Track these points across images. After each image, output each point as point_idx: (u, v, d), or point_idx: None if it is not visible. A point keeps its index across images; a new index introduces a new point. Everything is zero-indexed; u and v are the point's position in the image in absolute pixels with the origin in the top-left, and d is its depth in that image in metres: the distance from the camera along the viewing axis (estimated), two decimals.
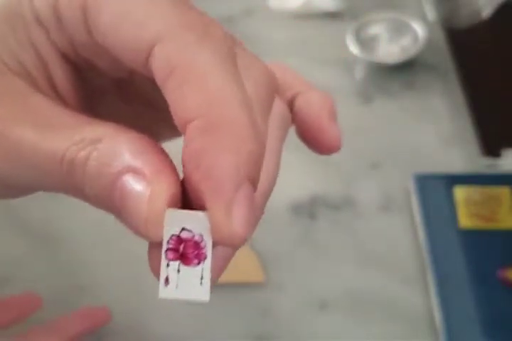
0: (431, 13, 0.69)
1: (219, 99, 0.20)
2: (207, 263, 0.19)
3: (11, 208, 0.57)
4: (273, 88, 0.24)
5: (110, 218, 0.47)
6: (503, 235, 0.53)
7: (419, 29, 0.65)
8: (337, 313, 0.52)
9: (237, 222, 0.19)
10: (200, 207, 0.20)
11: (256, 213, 0.20)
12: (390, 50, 0.66)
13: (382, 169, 0.59)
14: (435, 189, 0.56)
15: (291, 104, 0.26)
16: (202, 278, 0.19)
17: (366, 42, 0.66)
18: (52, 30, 0.22)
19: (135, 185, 0.19)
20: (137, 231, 0.20)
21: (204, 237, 0.19)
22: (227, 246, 0.20)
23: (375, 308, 0.52)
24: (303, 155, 0.61)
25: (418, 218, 0.55)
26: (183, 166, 0.20)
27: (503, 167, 0.58)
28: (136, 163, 0.19)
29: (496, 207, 0.54)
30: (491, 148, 0.59)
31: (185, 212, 0.19)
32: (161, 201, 0.19)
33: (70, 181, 0.20)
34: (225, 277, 0.57)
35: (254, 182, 0.20)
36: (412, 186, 0.57)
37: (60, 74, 0.23)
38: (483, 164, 0.58)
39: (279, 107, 0.25)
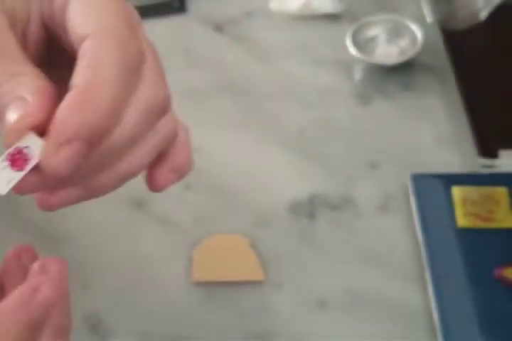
0: (429, 15, 0.70)
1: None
2: (21, 173, 0.27)
3: (14, 208, 0.58)
4: (160, 106, 0.30)
5: (112, 218, 0.48)
6: (500, 234, 0.53)
7: (417, 31, 0.65)
8: (336, 312, 0.52)
9: (58, 159, 0.26)
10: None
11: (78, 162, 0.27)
12: (389, 52, 0.66)
13: (381, 169, 0.60)
14: (433, 189, 0.56)
15: None
16: (12, 181, 0.27)
17: (365, 44, 0.67)
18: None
19: (17, 108, 0.27)
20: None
21: (34, 157, 0.27)
22: (44, 169, 0.27)
23: (373, 307, 0.52)
24: (303, 156, 0.61)
25: (416, 217, 0.55)
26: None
27: (499, 167, 0.58)
28: (29, 96, 0.27)
29: (493, 206, 0.54)
30: (488, 148, 0.59)
31: (35, 137, 0.27)
32: (22, 123, 0.27)
33: None
34: (225, 276, 0.57)
35: (90, 143, 0.27)
36: (410, 186, 0.57)
37: (33, 30, 0.30)
38: (480, 164, 0.59)
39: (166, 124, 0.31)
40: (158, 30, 0.73)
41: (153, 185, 0.34)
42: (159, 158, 0.33)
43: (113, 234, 0.57)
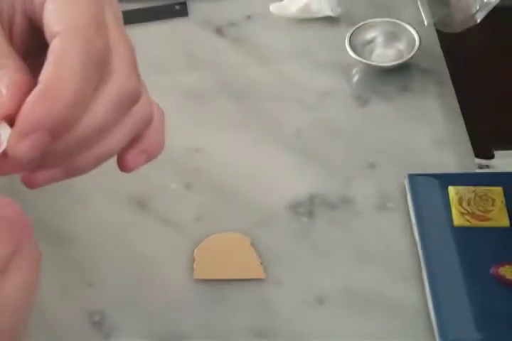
0: (426, 18, 0.70)
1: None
2: None
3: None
4: (130, 96, 0.33)
5: (114, 217, 0.48)
6: (496, 233, 0.54)
7: (414, 33, 0.66)
8: (334, 309, 0.53)
9: (21, 146, 0.29)
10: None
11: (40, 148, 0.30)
12: (386, 54, 0.67)
13: (379, 169, 0.60)
14: (429, 188, 0.57)
15: None
16: None
17: (363, 46, 0.67)
18: None
19: None
20: None
21: (2, 143, 0.30)
22: (10, 155, 0.30)
23: (371, 304, 0.52)
24: (302, 157, 0.62)
25: (413, 217, 0.56)
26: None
27: (495, 167, 0.59)
28: (4, 88, 0.30)
29: (489, 206, 0.55)
30: (484, 149, 0.60)
31: (5, 125, 0.30)
32: None
33: None
34: (226, 274, 0.58)
35: (52, 134, 0.30)
36: (406, 186, 0.58)
37: (18, 21, 0.33)
38: (476, 165, 0.59)
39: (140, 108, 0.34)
40: (160, 33, 0.73)
41: (124, 166, 0.36)
42: (133, 139, 0.35)
43: (115, 234, 0.57)
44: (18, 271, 0.31)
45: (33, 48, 0.33)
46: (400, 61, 0.65)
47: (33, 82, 0.30)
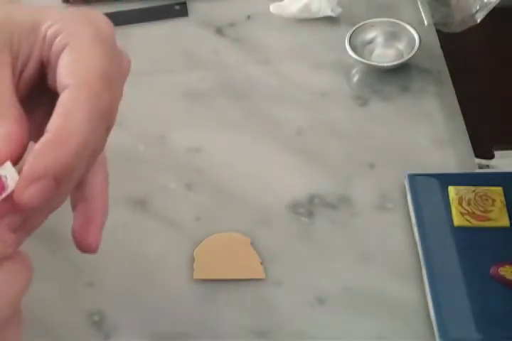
0: (426, 18, 0.70)
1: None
2: None
3: None
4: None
5: (114, 218, 0.49)
6: (496, 233, 0.54)
7: (414, 33, 0.66)
8: (334, 308, 0.53)
9: (28, 193, 0.30)
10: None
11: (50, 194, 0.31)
12: (386, 54, 0.67)
13: (379, 169, 0.60)
14: (429, 188, 0.57)
15: None
16: None
17: (363, 46, 0.67)
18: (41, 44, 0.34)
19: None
20: None
21: (9, 187, 0.30)
22: (16, 199, 0.31)
23: (371, 304, 0.53)
24: (302, 157, 0.62)
25: (413, 217, 0.56)
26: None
27: (495, 167, 0.59)
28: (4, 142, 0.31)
29: (489, 206, 0.55)
30: (484, 149, 0.60)
31: (11, 167, 0.31)
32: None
33: None
34: (226, 274, 0.58)
35: (57, 181, 0.31)
36: (406, 186, 0.58)
37: (30, 70, 0.35)
38: (476, 165, 0.59)
39: None
40: (160, 33, 0.73)
41: (86, 247, 0.39)
42: (85, 219, 0.38)
43: (115, 234, 0.57)
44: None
45: (36, 89, 0.36)
46: (400, 61, 0.65)
47: (29, 128, 0.33)
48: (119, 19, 0.75)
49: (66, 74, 0.33)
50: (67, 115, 0.31)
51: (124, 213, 0.59)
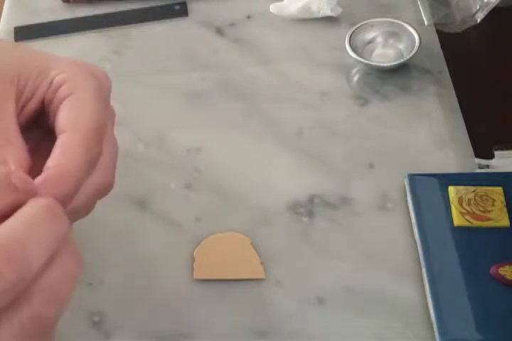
0: (426, 18, 0.70)
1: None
2: None
3: None
4: (106, 190, 0.43)
5: (115, 218, 0.49)
6: (496, 233, 0.54)
7: (414, 33, 0.66)
8: (334, 308, 0.53)
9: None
10: None
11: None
12: (386, 54, 0.67)
13: (378, 169, 0.60)
14: (429, 188, 0.57)
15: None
16: None
17: (363, 46, 0.67)
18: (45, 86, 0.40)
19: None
20: None
21: None
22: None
23: (371, 304, 0.53)
24: (302, 157, 0.62)
25: (413, 217, 0.56)
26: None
27: (495, 168, 0.59)
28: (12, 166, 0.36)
29: (489, 206, 0.55)
30: (484, 149, 0.60)
31: None
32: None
33: None
34: (226, 274, 0.58)
35: (62, 201, 0.34)
36: (406, 186, 0.58)
37: (32, 106, 0.39)
38: (476, 165, 0.59)
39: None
40: (160, 33, 0.73)
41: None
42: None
43: (115, 234, 0.58)
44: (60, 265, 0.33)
45: (29, 125, 0.40)
46: (400, 61, 0.65)
47: (28, 157, 0.37)
48: (119, 19, 0.75)
49: (65, 120, 0.38)
50: (66, 156, 0.36)
51: (124, 213, 0.59)
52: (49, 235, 0.32)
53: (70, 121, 0.38)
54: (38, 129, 0.41)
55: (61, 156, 0.36)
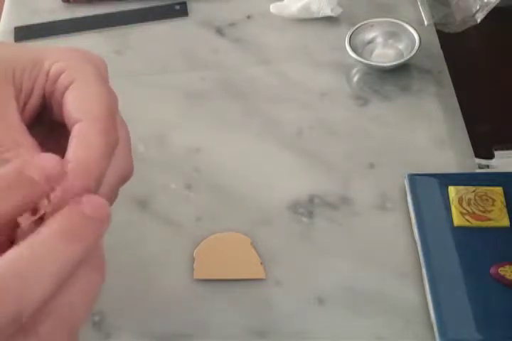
0: (426, 18, 0.70)
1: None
2: None
3: None
4: (127, 177, 0.41)
5: (115, 218, 0.49)
6: (496, 233, 0.54)
7: (414, 33, 0.66)
8: (334, 308, 0.53)
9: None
10: None
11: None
12: (386, 54, 0.67)
13: (379, 169, 0.60)
14: (429, 188, 0.57)
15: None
16: None
17: (363, 46, 0.67)
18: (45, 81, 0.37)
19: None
20: None
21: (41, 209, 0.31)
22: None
23: (371, 304, 0.53)
24: (302, 157, 0.62)
25: (413, 217, 0.56)
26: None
27: (495, 167, 0.59)
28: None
29: (489, 206, 0.55)
30: (484, 149, 0.60)
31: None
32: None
33: None
34: (226, 274, 0.58)
35: (89, 190, 0.33)
36: (406, 186, 0.58)
37: (33, 101, 0.37)
38: (476, 165, 0.59)
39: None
40: (160, 33, 0.73)
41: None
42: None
43: (115, 234, 0.57)
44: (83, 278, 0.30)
45: (35, 120, 0.39)
46: (400, 61, 0.65)
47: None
48: (119, 19, 0.75)
49: (77, 110, 0.36)
50: (85, 146, 0.34)
51: (124, 213, 0.59)
52: (61, 260, 0.29)
53: (81, 110, 0.35)
54: (41, 124, 0.39)
55: (80, 147, 0.34)
